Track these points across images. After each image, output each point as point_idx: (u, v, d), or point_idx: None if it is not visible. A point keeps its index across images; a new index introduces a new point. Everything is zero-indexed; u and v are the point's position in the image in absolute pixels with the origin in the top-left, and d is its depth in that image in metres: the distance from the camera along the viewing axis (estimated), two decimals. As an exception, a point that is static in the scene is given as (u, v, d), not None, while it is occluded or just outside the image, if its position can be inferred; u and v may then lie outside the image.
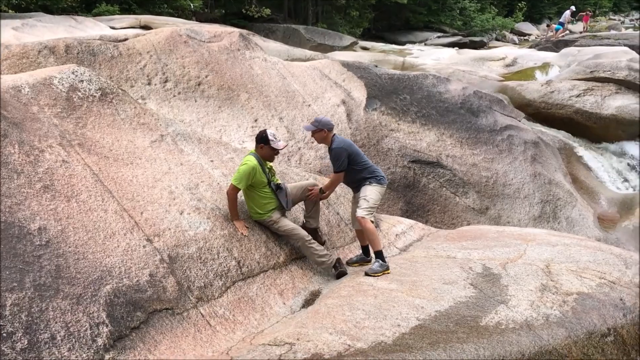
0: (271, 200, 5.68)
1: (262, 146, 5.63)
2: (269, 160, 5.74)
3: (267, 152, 5.65)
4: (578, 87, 13.49)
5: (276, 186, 5.73)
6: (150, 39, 9.12)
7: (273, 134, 5.62)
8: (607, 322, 4.71)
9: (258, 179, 5.57)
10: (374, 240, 5.59)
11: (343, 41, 26.57)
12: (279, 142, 5.65)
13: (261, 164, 5.63)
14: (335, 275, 5.65)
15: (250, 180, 5.52)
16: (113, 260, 4.45)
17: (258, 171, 5.56)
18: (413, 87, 10.81)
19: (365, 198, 5.68)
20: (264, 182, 5.62)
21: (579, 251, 5.87)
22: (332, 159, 5.78)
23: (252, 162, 5.53)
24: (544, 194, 9.68)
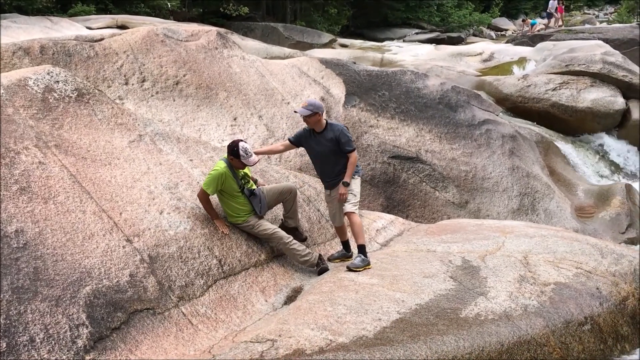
0: (244, 207, 5.62)
1: (232, 158, 5.52)
2: (240, 168, 5.63)
3: (237, 164, 5.55)
4: (554, 81, 13.67)
5: (249, 192, 5.63)
6: (127, 38, 9.05)
7: (245, 148, 5.47)
8: (584, 311, 4.80)
9: (228, 185, 5.50)
10: (360, 234, 5.62)
11: (322, 39, 26.60)
12: (250, 158, 5.50)
13: (233, 170, 5.54)
14: (317, 272, 5.67)
15: (220, 187, 5.47)
16: (92, 261, 4.43)
17: (228, 178, 5.47)
18: (392, 83, 10.86)
19: (353, 192, 5.69)
20: (235, 189, 5.55)
21: (556, 242, 5.97)
22: (343, 138, 5.61)
23: (220, 169, 5.46)
24: (522, 187, 9.79)
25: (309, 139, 5.81)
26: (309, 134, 5.79)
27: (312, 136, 5.76)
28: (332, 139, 5.64)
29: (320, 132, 5.69)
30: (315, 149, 5.78)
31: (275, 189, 5.93)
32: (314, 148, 5.79)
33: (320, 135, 5.69)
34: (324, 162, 5.77)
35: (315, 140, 5.75)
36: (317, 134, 5.70)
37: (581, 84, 13.53)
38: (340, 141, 5.62)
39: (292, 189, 5.96)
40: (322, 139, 5.68)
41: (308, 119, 5.66)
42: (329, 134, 5.66)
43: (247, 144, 5.51)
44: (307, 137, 5.82)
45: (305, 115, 5.63)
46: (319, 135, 5.70)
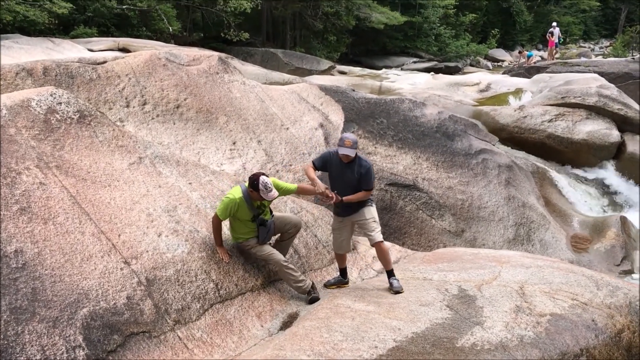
0: (250, 230, 5.64)
1: (251, 190, 5.48)
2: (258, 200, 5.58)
3: (255, 197, 5.51)
4: (550, 113, 13.81)
5: (261, 221, 5.61)
6: (129, 61, 9.15)
7: (265, 183, 5.40)
8: (579, 343, 4.81)
9: (240, 213, 5.52)
10: (390, 261, 5.77)
11: (321, 65, 26.85)
12: (270, 193, 5.42)
13: (249, 200, 5.52)
14: (308, 301, 5.64)
15: (231, 214, 5.50)
16: (90, 283, 4.43)
17: (241, 207, 5.50)
18: (390, 111, 10.97)
19: (375, 220, 5.74)
20: (247, 217, 5.56)
21: (552, 273, 5.99)
22: (367, 177, 5.65)
23: (234, 197, 5.46)
24: (518, 217, 9.84)
25: (335, 165, 5.75)
26: (337, 160, 5.72)
27: (340, 164, 5.71)
28: (357, 173, 5.67)
29: (348, 163, 5.67)
30: (338, 176, 5.75)
31: (283, 219, 5.93)
32: (337, 174, 5.76)
33: (347, 166, 5.67)
34: (342, 190, 5.70)
35: (341, 168, 5.71)
36: (344, 163, 5.68)
37: (577, 116, 13.68)
38: (362, 178, 5.66)
39: (298, 225, 5.99)
40: (348, 170, 5.67)
41: (344, 159, 5.65)
42: (355, 168, 5.67)
43: (268, 179, 5.44)
44: (334, 162, 5.76)
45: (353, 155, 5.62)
46: (346, 165, 5.68)
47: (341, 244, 5.95)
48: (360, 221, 5.77)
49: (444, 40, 39.76)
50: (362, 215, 5.76)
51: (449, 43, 39.69)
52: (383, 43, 37.52)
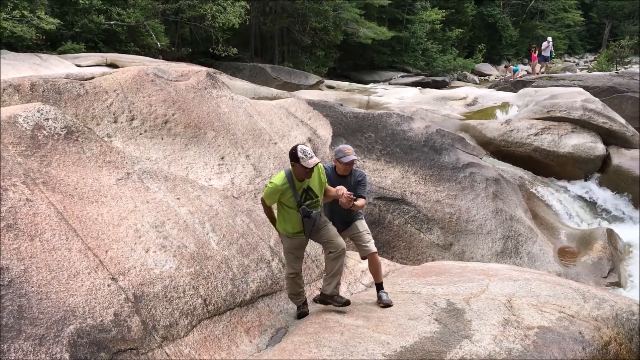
0: (294, 223, 5.34)
1: (293, 164, 5.17)
2: (303, 178, 5.21)
3: (299, 171, 5.16)
4: (536, 126, 13.95)
5: (305, 212, 5.26)
6: (117, 77, 9.15)
7: (304, 150, 5.10)
8: (567, 356, 4.83)
9: (287, 199, 5.27)
10: (381, 273, 5.80)
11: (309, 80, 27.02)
12: (310, 160, 5.07)
13: (293, 184, 5.21)
14: (297, 315, 5.64)
15: (277, 199, 5.31)
16: (77, 299, 4.40)
17: (284, 193, 5.23)
18: (377, 125, 11.04)
19: (369, 232, 5.76)
20: (292, 204, 5.27)
21: (539, 285, 6.02)
22: (363, 183, 5.74)
23: (275, 184, 5.21)
24: (505, 230, 9.90)
25: (332, 180, 5.69)
26: (333, 175, 5.72)
27: (336, 178, 5.70)
28: (354, 182, 5.71)
29: (344, 176, 5.71)
30: None
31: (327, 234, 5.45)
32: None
33: (343, 179, 5.70)
34: (337, 206, 5.64)
35: (337, 182, 5.67)
36: (340, 177, 5.70)
37: (562, 130, 13.83)
38: (360, 185, 5.71)
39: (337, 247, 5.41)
40: (344, 182, 5.66)
41: (350, 165, 5.65)
42: (351, 179, 5.72)
43: (307, 147, 5.18)
44: (330, 178, 5.70)
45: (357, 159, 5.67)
46: (342, 178, 5.70)
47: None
48: (355, 234, 5.76)
49: (431, 55, 40.12)
50: (355, 228, 5.76)
51: (436, 58, 40.05)
52: (371, 58, 37.81)
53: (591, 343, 5.05)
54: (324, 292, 5.49)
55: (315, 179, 5.32)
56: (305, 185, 5.27)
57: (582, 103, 14.50)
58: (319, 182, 5.36)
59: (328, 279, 5.45)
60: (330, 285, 5.43)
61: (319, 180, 5.36)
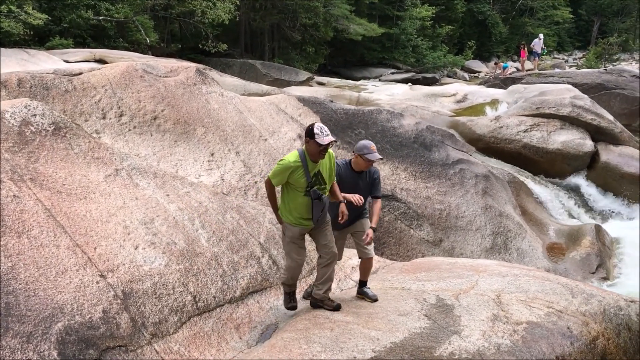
0: (301, 208, 5.14)
1: (308, 140, 5.00)
2: (316, 157, 5.07)
3: (312, 148, 5.00)
4: (525, 123, 14.01)
5: (316, 194, 5.08)
6: (106, 73, 9.09)
7: (320, 127, 4.98)
8: (555, 351, 4.85)
9: (296, 179, 5.07)
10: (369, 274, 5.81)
11: (299, 76, 26.98)
12: (325, 137, 4.94)
13: (305, 164, 5.06)
14: (284, 302, 5.54)
15: (286, 179, 5.09)
16: (65, 297, 4.37)
17: (295, 172, 5.04)
18: (368, 122, 11.04)
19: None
20: (302, 185, 5.08)
21: (528, 281, 6.05)
22: (378, 181, 5.64)
23: (288, 161, 5.04)
24: (495, 226, 9.94)
25: (348, 176, 5.58)
26: (349, 171, 5.60)
27: (352, 174, 5.59)
28: (370, 179, 5.63)
29: (360, 172, 5.60)
30: (352, 187, 5.54)
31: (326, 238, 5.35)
32: (351, 185, 5.55)
33: (359, 175, 5.60)
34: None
35: (353, 177, 5.58)
36: (357, 173, 5.59)
37: (551, 126, 13.90)
38: (375, 183, 5.64)
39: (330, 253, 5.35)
40: (360, 179, 5.59)
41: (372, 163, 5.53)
42: (367, 175, 5.62)
43: (324, 126, 5.05)
44: (346, 174, 5.59)
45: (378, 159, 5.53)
46: (358, 174, 5.60)
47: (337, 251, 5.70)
48: (359, 232, 5.66)
49: (421, 51, 40.22)
50: (361, 226, 5.66)
51: (426, 54, 40.16)
52: (361, 54, 37.83)
53: (579, 338, 5.08)
54: (315, 297, 5.45)
55: (326, 165, 5.20)
56: (317, 169, 5.12)
57: (570, 100, 14.58)
58: (330, 168, 5.24)
59: (319, 285, 5.40)
60: (321, 290, 5.40)
61: (330, 167, 5.24)
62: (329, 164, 5.24)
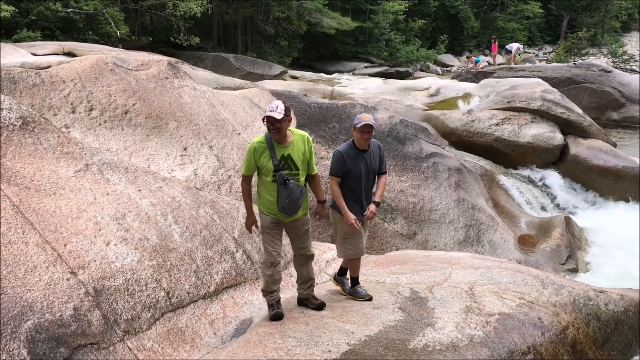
0: (270, 196, 4.95)
1: (264, 120, 4.80)
2: (277, 138, 4.86)
3: (267, 126, 4.82)
4: (497, 117, 14.15)
5: (282, 178, 4.84)
6: (75, 66, 8.92)
7: (272, 104, 4.80)
8: (526, 341, 4.93)
9: (263, 164, 4.88)
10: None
11: (273, 70, 26.84)
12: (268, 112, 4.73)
13: (271, 146, 4.85)
14: (270, 316, 5.11)
15: (255, 163, 4.90)
16: (34, 294, 4.29)
17: (262, 154, 4.86)
18: (342, 115, 11.04)
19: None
20: (269, 169, 4.87)
21: (500, 273, 6.14)
22: (383, 156, 5.49)
23: (252, 143, 4.90)
24: (467, 219, 10.04)
25: (354, 158, 5.33)
26: (354, 152, 5.34)
27: (358, 155, 5.34)
28: (377, 155, 5.44)
29: (364, 151, 5.37)
30: (360, 169, 5.33)
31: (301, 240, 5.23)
32: (360, 167, 5.34)
33: (365, 153, 5.37)
34: (365, 181, 5.37)
35: (358, 155, 5.34)
36: (361, 153, 5.36)
37: (522, 120, 14.07)
38: (382, 158, 5.50)
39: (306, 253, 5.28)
40: (367, 156, 5.37)
41: (369, 135, 5.27)
42: (373, 149, 5.42)
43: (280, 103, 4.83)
44: (352, 156, 5.33)
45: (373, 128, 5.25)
46: (364, 153, 5.36)
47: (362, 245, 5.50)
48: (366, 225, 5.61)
49: (395, 45, 40.31)
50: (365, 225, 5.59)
51: (399, 48, 40.26)
52: (334, 48, 37.78)
53: (550, 328, 5.17)
54: (300, 295, 5.39)
55: (299, 149, 4.97)
56: (287, 153, 4.90)
57: (541, 94, 14.77)
58: (303, 153, 5.00)
59: (302, 285, 5.35)
60: (303, 289, 5.34)
61: (303, 152, 5.00)
62: (303, 149, 5.01)
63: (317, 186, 5.35)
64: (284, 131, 4.88)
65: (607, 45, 45.14)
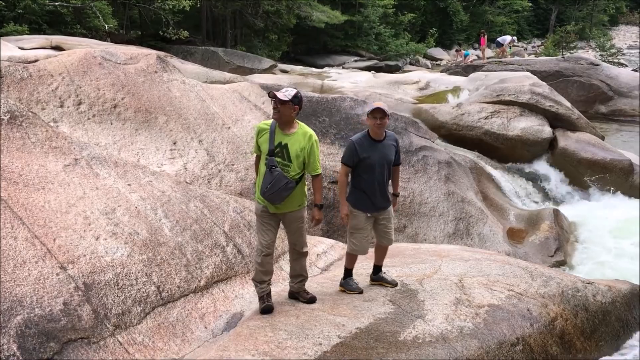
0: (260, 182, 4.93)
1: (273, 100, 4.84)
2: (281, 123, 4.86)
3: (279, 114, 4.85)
4: (486, 110, 14.20)
5: (270, 163, 4.79)
6: (63, 60, 8.86)
7: (286, 88, 4.89)
8: (515, 332, 4.98)
9: (261, 144, 4.90)
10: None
11: (262, 64, 26.76)
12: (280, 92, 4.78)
13: (273, 130, 4.85)
14: (260, 310, 5.06)
15: (257, 144, 4.94)
16: (24, 289, 4.27)
17: (263, 135, 4.87)
18: (332, 109, 11.04)
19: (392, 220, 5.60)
20: (264, 151, 4.88)
21: (489, 265, 6.18)
22: (398, 148, 5.43)
23: (259, 124, 4.99)
24: (457, 212, 10.09)
25: (368, 148, 5.24)
26: (368, 142, 5.26)
27: (372, 145, 5.26)
28: (392, 147, 5.34)
29: (380, 141, 5.29)
30: (373, 159, 5.24)
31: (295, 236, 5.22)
32: (372, 158, 5.23)
33: (381, 144, 5.28)
34: (379, 175, 5.28)
35: (373, 146, 5.26)
36: (377, 143, 5.27)
37: (511, 113, 14.12)
38: (398, 151, 5.42)
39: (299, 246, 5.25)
40: (383, 147, 5.28)
41: (383, 121, 5.19)
42: (389, 141, 5.34)
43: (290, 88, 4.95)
44: (365, 146, 5.24)
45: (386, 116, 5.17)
46: (379, 143, 5.28)
47: (368, 243, 5.52)
48: (388, 218, 5.49)
49: (384, 39, 40.32)
50: (391, 212, 5.50)
51: (388, 42, 40.28)
52: (324, 42, 37.74)
53: (538, 319, 5.22)
54: (291, 289, 5.39)
55: (298, 143, 4.89)
56: (284, 142, 4.86)
57: (530, 87, 14.82)
58: (301, 149, 4.90)
59: (293, 279, 5.35)
60: (294, 282, 5.34)
61: (302, 147, 4.90)
62: (302, 144, 4.91)
63: (317, 189, 5.22)
64: (285, 117, 4.86)
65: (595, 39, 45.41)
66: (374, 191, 5.33)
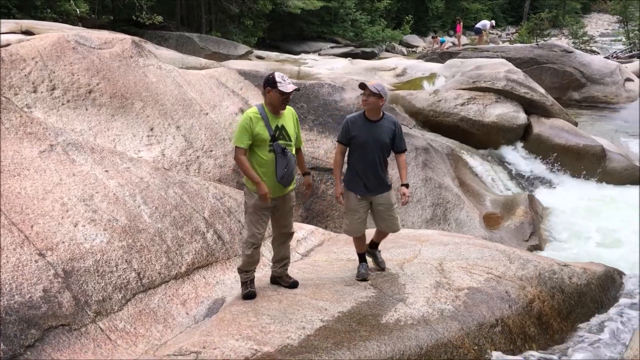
0: (264, 167, 4.86)
1: (269, 90, 4.80)
2: (277, 109, 4.89)
3: (274, 98, 4.81)
4: (462, 96, 14.29)
5: (281, 148, 4.82)
6: (36, 44, 8.67)
7: (282, 75, 4.86)
8: (495, 314, 5.07)
9: (257, 133, 4.79)
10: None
11: (238, 50, 26.52)
12: (288, 85, 4.79)
13: (265, 116, 4.85)
14: (243, 296, 5.07)
15: (250, 134, 4.79)
16: (2, 276, 4.21)
17: (258, 122, 4.80)
18: (310, 95, 11.01)
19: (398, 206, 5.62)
20: (265, 139, 4.81)
21: (468, 249, 6.26)
22: (400, 133, 5.32)
23: (246, 115, 4.84)
24: (435, 198, 10.18)
25: (360, 127, 5.22)
26: (362, 121, 5.24)
27: (366, 124, 5.22)
28: (389, 129, 5.25)
29: (376, 122, 5.24)
30: (365, 137, 5.20)
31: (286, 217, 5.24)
32: (366, 136, 5.20)
33: (375, 125, 5.23)
34: (370, 154, 5.22)
35: (368, 127, 5.22)
36: (372, 123, 5.23)
37: (487, 100, 14.23)
38: (397, 134, 5.30)
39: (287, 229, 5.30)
40: (377, 129, 5.22)
41: (371, 100, 5.14)
42: (386, 123, 5.27)
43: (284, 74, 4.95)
44: (358, 124, 5.23)
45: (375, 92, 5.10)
46: (374, 124, 5.23)
47: (359, 225, 5.40)
48: (385, 205, 5.41)
49: (360, 25, 40.23)
50: (388, 198, 5.43)
51: (365, 29, 40.20)
52: (300, 28, 37.52)
53: (517, 301, 5.32)
54: (273, 274, 5.39)
55: (290, 121, 5.01)
56: (280, 123, 4.90)
57: (505, 74, 14.94)
58: (294, 126, 5.03)
59: (276, 263, 5.35)
60: (277, 267, 5.34)
61: (293, 124, 5.04)
62: (292, 121, 5.06)
63: (303, 160, 5.41)
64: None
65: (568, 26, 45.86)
66: (366, 172, 5.31)
